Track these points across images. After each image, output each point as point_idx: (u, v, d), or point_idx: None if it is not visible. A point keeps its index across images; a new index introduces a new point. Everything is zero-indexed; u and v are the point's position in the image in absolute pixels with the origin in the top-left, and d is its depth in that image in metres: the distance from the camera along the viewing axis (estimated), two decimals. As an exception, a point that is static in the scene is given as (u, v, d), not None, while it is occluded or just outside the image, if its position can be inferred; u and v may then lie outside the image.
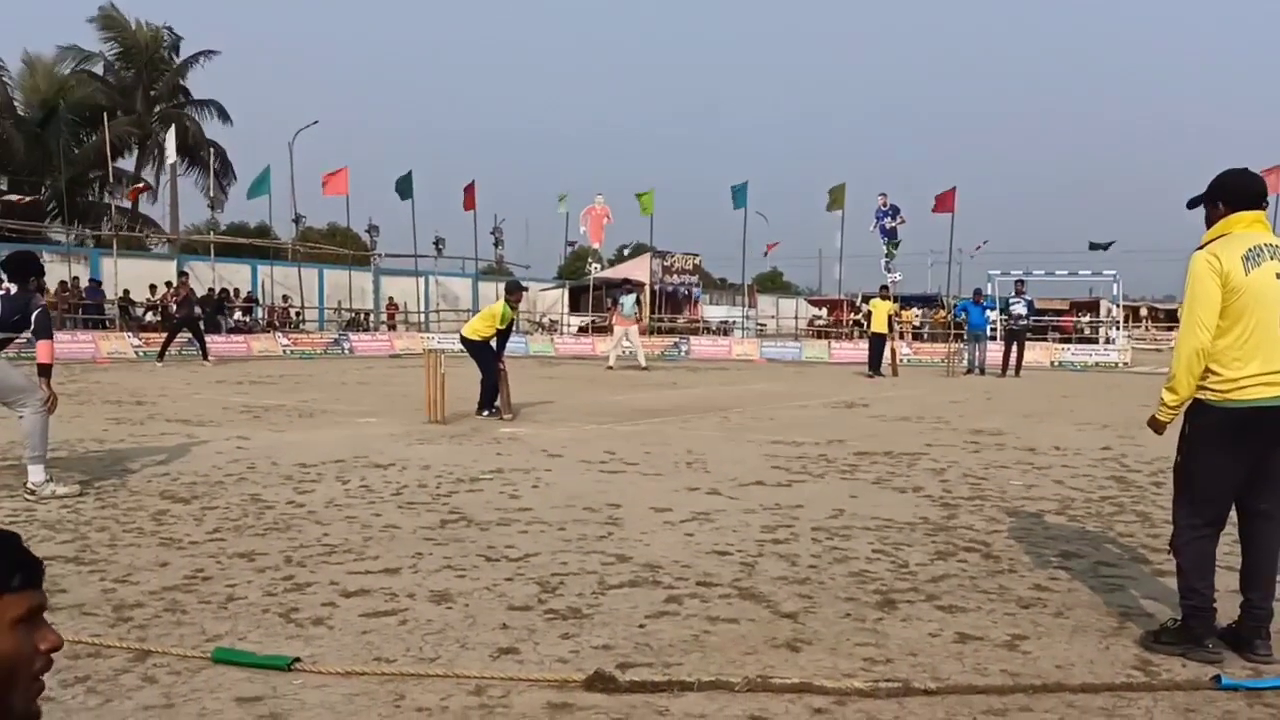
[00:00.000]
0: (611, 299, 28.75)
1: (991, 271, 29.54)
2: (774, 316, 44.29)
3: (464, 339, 11.20)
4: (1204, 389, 3.44)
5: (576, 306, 38.16)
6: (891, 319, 21.07)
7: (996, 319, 23.37)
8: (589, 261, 35.84)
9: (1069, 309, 36.66)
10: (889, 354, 20.40)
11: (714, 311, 42.82)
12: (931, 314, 34.56)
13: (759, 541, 5.08)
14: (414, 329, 31.68)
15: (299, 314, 30.91)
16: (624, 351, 21.42)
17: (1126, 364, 24.60)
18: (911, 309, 34.54)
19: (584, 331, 32.81)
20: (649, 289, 34.57)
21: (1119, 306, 31.38)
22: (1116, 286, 29.83)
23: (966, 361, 21.43)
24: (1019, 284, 22.04)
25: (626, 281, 25.20)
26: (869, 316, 21.39)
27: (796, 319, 40.30)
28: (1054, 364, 24.79)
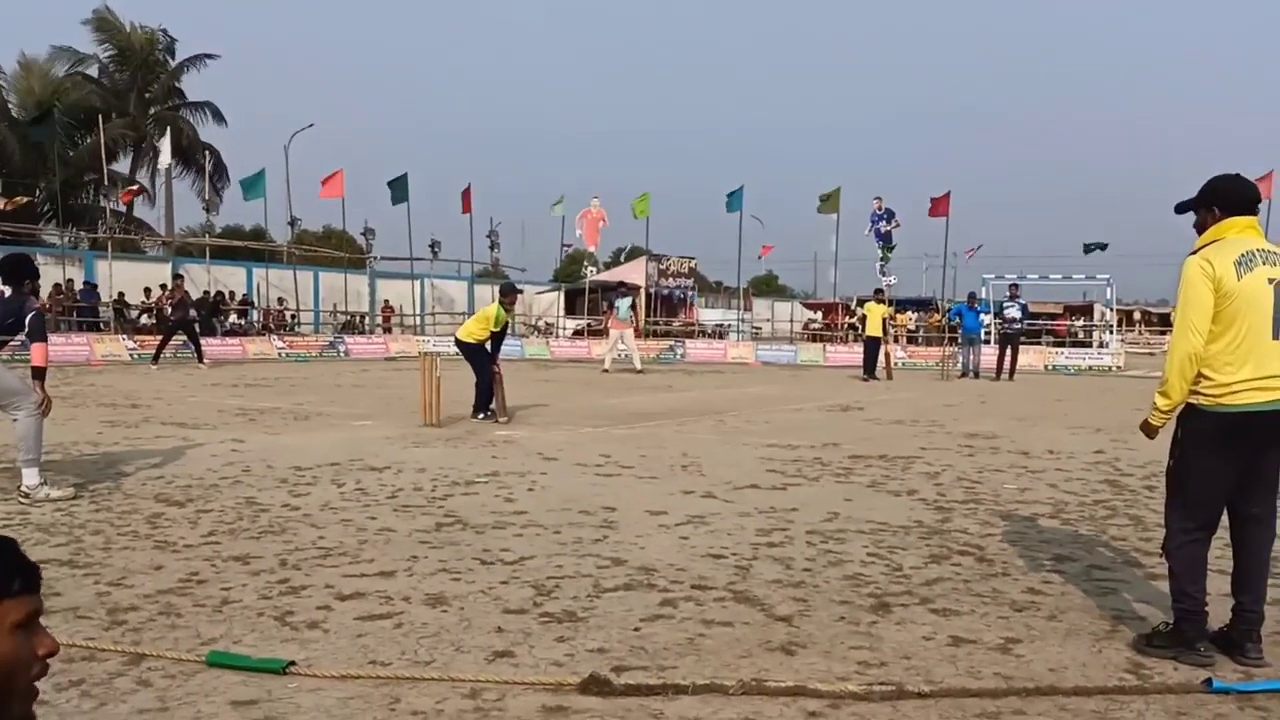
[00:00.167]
0: (607, 302, 28.76)
1: (986, 275, 29.51)
2: (769, 320, 44.23)
3: (459, 342, 11.20)
4: (1196, 394, 3.46)
5: (572, 310, 38.14)
6: (886, 323, 21.10)
7: (991, 323, 23.40)
8: (585, 265, 35.89)
9: (1063, 313, 36.70)
10: (884, 357, 20.47)
11: (709, 315, 42.78)
12: (926, 318, 34.58)
13: (754, 545, 5.09)
14: (409, 332, 31.61)
15: (294, 317, 30.89)
16: (619, 355, 21.42)
17: (1120, 368, 24.71)
18: (906, 312, 34.59)
19: (579, 335, 32.82)
20: (644, 292, 34.60)
21: (1112, 310, 31.40)
22: (1110, 290, 29.87)
23: (961, 365, 21.46)
24: (1013, 288, 22.08)
25: (622, 285, 25.28)
26: (864, 320, 21.43)
27: (791, 322, 40.25)
28: (1048, 368, 24.88)
